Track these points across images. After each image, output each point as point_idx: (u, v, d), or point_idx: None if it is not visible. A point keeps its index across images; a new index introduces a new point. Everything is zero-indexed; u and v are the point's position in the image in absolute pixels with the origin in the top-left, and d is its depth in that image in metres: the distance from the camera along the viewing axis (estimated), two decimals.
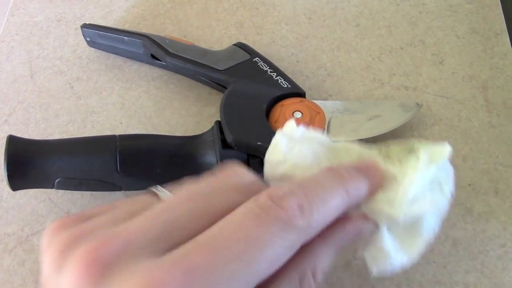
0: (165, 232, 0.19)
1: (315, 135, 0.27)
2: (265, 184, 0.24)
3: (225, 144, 0.34)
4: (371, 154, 0.26)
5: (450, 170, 0.27)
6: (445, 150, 0.26)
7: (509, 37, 0.43)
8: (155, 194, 0.22)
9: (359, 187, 0.22)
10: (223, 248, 0.18)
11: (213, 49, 0.42)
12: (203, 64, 0.39)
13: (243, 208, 0.19)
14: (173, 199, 0.21)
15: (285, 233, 0.19)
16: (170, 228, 0.19)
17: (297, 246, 0.20)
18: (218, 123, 0.35)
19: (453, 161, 0.37)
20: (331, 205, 0.21)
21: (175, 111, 0.41)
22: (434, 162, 0.25)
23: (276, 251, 0.18)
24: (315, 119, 0.36)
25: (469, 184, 0.36)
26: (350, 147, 0.27)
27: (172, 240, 0.19)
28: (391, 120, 0.37)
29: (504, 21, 0.44)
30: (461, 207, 0.35)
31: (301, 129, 0.26)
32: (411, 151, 0.26)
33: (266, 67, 0.39)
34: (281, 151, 0.26)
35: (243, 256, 0.18)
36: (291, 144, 0.26)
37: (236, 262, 0.18)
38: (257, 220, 0.19)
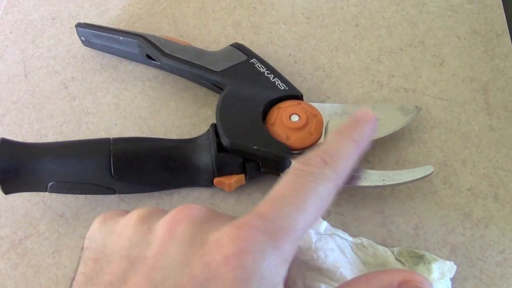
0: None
1: (337, 231, 0.32)
2: None
3: (221, 148, 0.34)
4: (385, 251, 0.32)
5: (450, 284, 0.31)
6: (452, 268, 0.31)
7: (511, 38, 0.43)
8: None
9: (361, 132, 0.27)
10: (280, 198, 0.23)
11: (209, 50, 0.41)
12: (199, 65, 0.38)
13: (285, 174, 0.25)
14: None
15: (320, 180, 0.24)
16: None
17: (332, 193, 0.25)
18: (214, 126, 0.35)
19: (452, 164, 0.37)
20: (347, 154, 0.26)
21: (170, 112, 0.40)
22: (444, 278, 0.31)
23: (317, 195, 0.24)
24: (312, 122, 0.35)
25: (468, 189, 0.36)
26: (366, 244, 0.32)
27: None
28: (390, 124, 0.36)
29: (505, 22, 0.43)
30: (460, 212, 0.35)
31: (325, 223, 0.32)
32: (420, 258, 0.32)
33: (263, 69, 0.38)
34: (311, 240, 0.30)
35: (295, 200, 0.23)
36: (318, 236, 0.31)
37: (292, 205, 0.23)
38: (297, 176, 0.24)
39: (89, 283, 0.23)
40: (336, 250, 0.30)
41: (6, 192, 0.33)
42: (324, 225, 0.32)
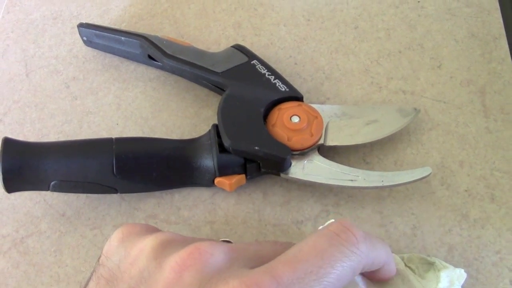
0: (252, 256, 0.25)
1: None
2: None
3: (222, 148, 0.34)
4: (395, 257, 0.32)
5: None
6: (462, 276, 0.31)
7: (508, 42, 0.43)
8: None
9: (388, 250, 0.27)
10: (302, 261, 0.22)
11: (210, 51, 0.41)
12: (200, 66, 0.39)
13: (317, 232, 0.24)
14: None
15: (351, 253, 0.23)
16: (256, 255, 0.25)
17: (357, 271, 0.23)
18: (215, 126, 0.35)
19: (449, 166, 0.37)
20: (381, 251, 0.26)
21: (172, 112, 0.41)
22: (453, 286, 0.30)
23: (342, 269, 0.22)
24: (312, 123, 0.36)
25: (465, 190, 0.36)
26: None
27: (258, 262, 0.23)
28: (388, 125, 0.37)
29: (502, 25, 0.44)
30: (457, 213, 0.35)
31: None
32: (430, 265, 0.32)
33: (264, 70, 0.38)
34: None
35: (318, 268, 0.22)
36: None
37: (313, 273, 0.22)
38: (330, 240, 0.23)
39: None
40: None
41: (9, 190, 0.33)
42: None
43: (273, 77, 0.38)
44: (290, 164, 0.35)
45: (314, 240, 0.23)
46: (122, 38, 0.41)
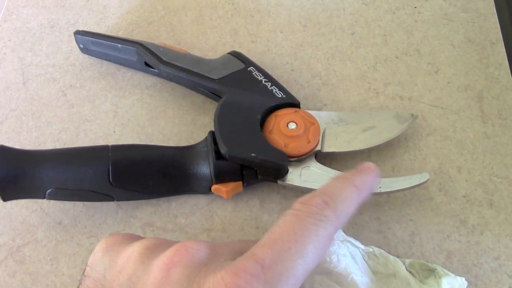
0: (236, 250, 0.26)
1: (349, 238, 0.32)
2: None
3: (219, 155, 0.34)
4: (396, 261, 0.32)
5: None
6: (463, 284, 0.31)
7: (505, 47, 0.43)
8: None
9: (363, 180, 0.28)
10: (278, 241, 0.23)
11: (207, 58, 0.41)
12: (197, 73, 0.39)
13: (284, 215, 0.25)
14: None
15: (321, 222, 0.24)
16: (238, 250, 0.25)
17: (333, 235, 0.25)
18: (212, 133, 0.35)
19: (447, 172, 0.37)
20: (348, 198, 0.26)
21: (168, 120, 0.41)
22: None
23: (318, 238, 0.23)
24: (309, 130, 0.35)
25: (464, 196, 0.36)
26: (377, 253, 0.32)
27: (240, 255, 0.24)
28: (385, 132, 0.36)
29: (499, 30, 0.44)
30: (456, 219, 0.35)
31: (341, 231, 0.32)
32: (431, 271, 0.32)
33: (260, 77, 0.38)
34: None
35: (295, 243, 0.23)
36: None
37: (291, 249, 0.22)
38: (297, 217, 0.24)
39: None
40: (348, 257, 0.31)
41: (5, 199, 0.33)
42: (340, 232, 0.32)
43: (269, 83, 0.38)
44: (287, 171, 0.34)
45: (283, 221, 0.24)
46: (119, 45, 0.41)
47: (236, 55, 0.40)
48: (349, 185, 0.27)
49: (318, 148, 0.35)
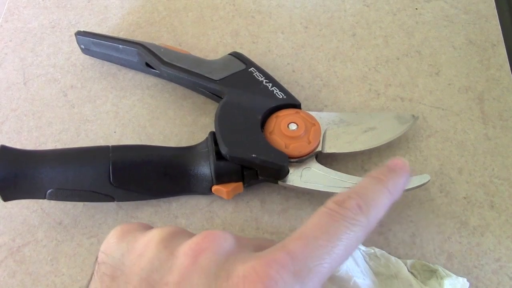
0: (257, 246, 0.26)
1: None
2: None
3: (219, 156, 0.34)
4: (398, 262, 0.32)
5: None
6: (465, 285, 0.31)
7: (506, 48, 0.43)
8: None
9: (396, 183, 0.28)
10: (311, 238, 0.23)
11: (208, 58, 0.41)
12: (198, 74, 0.39)
13: (318, 212, 0.25)
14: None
15: (353, 226, 0.24)
16: (260, 246, 0.26)
17: (361, 239, 0.25)
18: (213, 134, 0.35)
19: (448, 173, 0.37)
20: (381, 203, 0.26)
21: (169, 120, 0.41)
22: None
23: (348, 240, 0.24)
24: (310, 130, 0.35)
25: (465, 197, 0.36)
26: (378, 254, 0.32)
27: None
28: (386, 133, 0.36)
29: (500, 32, 0.44)
30: (456, 220, 0.35)
31: None
32: (433, 272, 0.32)
33: (261, 77, 0.38)
34: None
35: (327, 242, 0.23)
36: None
37: (322, 247, 0.23)
38: (331, 217, 0.24)
39: None
40: (350, 259, 0.31)
41: (5, 199, 0.33)
42: None
43: (270, 84, 0.38)
44: (288, 172, 0.34)
45: (317, 219, 0.24)
46: (120, 46, 0.41)
47: (237, 56, 0.40)
48: (383, 189, 0.27)
49: (319, 149, 0.35)
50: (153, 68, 0.41)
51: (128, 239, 0.25)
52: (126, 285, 0.23)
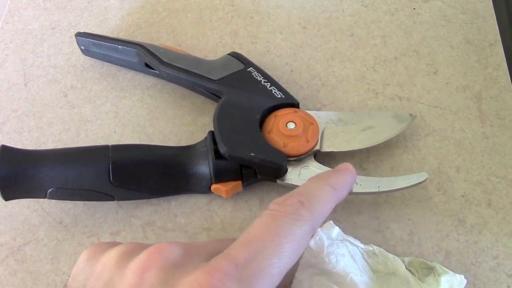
0: (211, 251, 0.25)
1: (349, 237, 0.32)
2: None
3: (218, 155, 0.34)
4: (395, 260, 0.32)
5: None
6: (462, 282, 0.31)
7: (503, 48, 0.43)
8: None
9: (339, 180, 0.28)
10: (254, 241, 0.23)
11: (207, 59, 0.42)
12: (197, 73, 0.39)
13: (260, 216, 0.25)
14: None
15: (296, 221, 0.24)
16: (214, 250, 0.25)
17: (309, 235, 0.25)
18: (211, 133, 0.35)
19: (446, 171, 0.37)
20: (324, 197, 0.27)
21: (169, 120, 0.41)
22: None
23: (294, 237, 0.23)
24: (308, 129, 0.36)
25: (462, 195, 0.36)
26: (377, 252, 0.32)
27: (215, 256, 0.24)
28: (384, 131, 0.37)
29: (498, 31, 0.44)
30: (454, 218, 0.35)
31: (337, 229, 0.32)
32: (430, 269, 0.32)
33: (260, 77, 0.39)
34: (323, 244, 0.30)
35: (270, 242, 0.23)
36: (330, 241, 0.31)
37: (267, 248, 0.23)
38: (272, 217, 0.24)
39: None
40: (347, 256, 0.31)
41: (6, 198, 0.33)
42: (336, 230, 0.32)
43: (269, 84, 0.38)
44: (286, 171, 0.35)
45: (259, 222, 0.24)
46: (119, 46, 0.41)
47: (236, 56, 0.40)
48: (325, 185, 0.27)
49: (317, 147, 0.36)
50: (152, 69, 0.42)
51: (91, 262, 0.26)
52: None
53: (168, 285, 0.22)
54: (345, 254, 0.30)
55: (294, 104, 0.37)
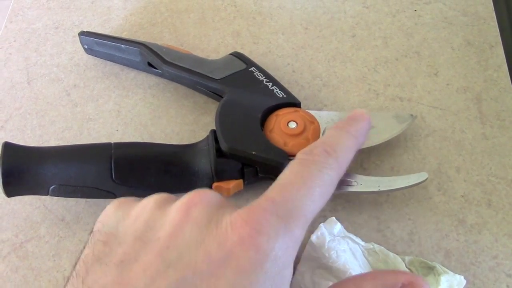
0: None
1: (350, 235, 0.33)
2: None
3: (220, 153, 0.34)
4: (396, 258, 0.33)
5: None
6: (461, 282, 0.31)
7: (504, 50, 0.44)
8: None
9: (358, 128, 0.29)
10: (287, 184, 0.24)
11: (209, 58, 0.42)
12: (199, 73, 0.39)
13: (289, 164, 0.26)
14: None
15: (325, 169, 0.25)
16: None
17: (335, 182, 0.26)
18: (213, 132, 0.36)
19: (446, 172, 0.37)
20: (346, 145, 0.28)
21: (171, 119, 0.41)
22: None
23: (322, 183, 0.25)
24: (309, 129, 0.36)
25: (462, 195, 0.36)
26: (377, 250, 0.33)
27: None
28: (385, 131, 0.37)
29: (498, 33, 0.45)
30: (454, 218, 0.36)
31: (339, 225, 0.33)
32: (430, 269, 0.33)
33: (262, 77, 0.39)
34: (325, 240, 0.31)
35: (303, 185, 0.24)
36: (332, 237, 0.31)
37: (300, 190, 0.24)
38: (302, 165, 0.26)
39: (97, 263, 0.23)
40: (348, 252, 0.31)
41: (9, 195, 0.33)
42: (338, 227, 0.32)
43: (270, 83, 0.38)
44: None
45: (290, 169, 0.26)
46: (122, 46, 0.42)
47: (238, 55, 0.41)
48: (347, 134, 0.29)
49: None
50: (155, 68, 0.42)
51: (124, 208, 0.26)
52: (120, 246, 0.23)
53: (213, 221, 0.23)
54: (346, 250, 0.31)
55: (296, 104, 0.38)
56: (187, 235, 0.23)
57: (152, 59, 0.41)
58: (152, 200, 0.26)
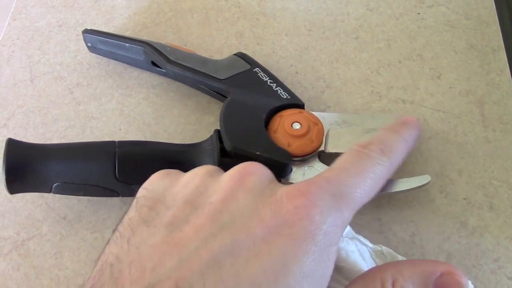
0: None
1: (358, 236, 0.33)
2: None
3: (224, 153, 0.34)
4: (398, 258, 0.32)
5: None
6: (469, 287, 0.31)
7: (506, 54, 0.44)
8: None
9: (410, 133, 0.31)
10: (342, 169, 0.26)
11: (213, 58, 0.42)
12: (203, 72, 0.39)
13: (346, 152, 0.27)
14: None
15: (378, 165, 0.27)
16: None
17: (384, 179, 0.27)
18: (217, 131, 0.36)
19: (448, 174, 0.37)
20: (399, 149, 0.30)
21: (174, 119, 0.41)
22: None
23: (374, 176, 0.26)
24: (313, 130, 0.36)
25: (464, 198, 0.37)
26: (385, 252, 0.33)
27: None
28: None
29: (501, 37, 0.45)
30: (456, 220, 0.36)
31: (348, 226, 0.32)
32: None
33: (265, 78, 0.39)
34: None
35: (356, 173, 0.26)
36: (341, 237, 0.31)
37: (353, 177, 0.25)
38: (358, 156, 0.27)
39: (144, 225, 0.23)
40: (356, 253, 0.31)
41: (12, 192, 0.33)
42: (346, 228, 0.32)
43: (274, 84, 0.38)
44: (291, 170, 0.35)
45: (346, 157, 0.27)
46: (126, 44, 0.42)
47: (242, 56, 0.41)
48: (400, 138, 0.30)
49: (322, 148, 0.36)
50: (158, 67, 0.42)
51: (171, 177, 0.26)
52: (168, 209, 0.23)
53: (267, 190, 0.24)
54: (354, 251, 0.31)
55: (299, 105, 0.38)
56: (241, 201, 0.23)
57: (156, 58, 0.41)
58: (203, 169, 0.26)
